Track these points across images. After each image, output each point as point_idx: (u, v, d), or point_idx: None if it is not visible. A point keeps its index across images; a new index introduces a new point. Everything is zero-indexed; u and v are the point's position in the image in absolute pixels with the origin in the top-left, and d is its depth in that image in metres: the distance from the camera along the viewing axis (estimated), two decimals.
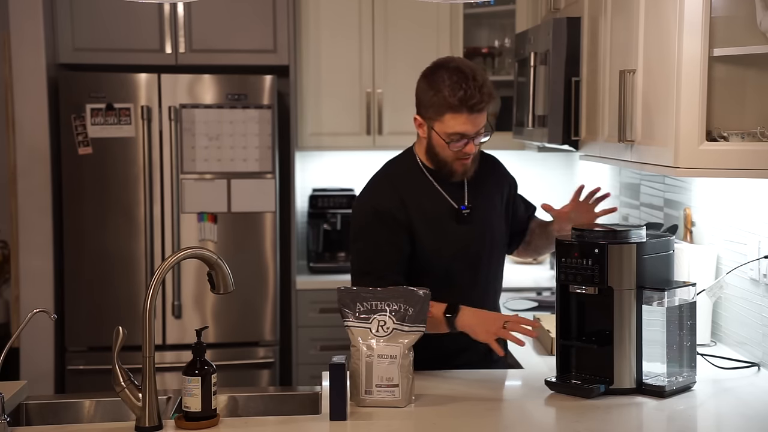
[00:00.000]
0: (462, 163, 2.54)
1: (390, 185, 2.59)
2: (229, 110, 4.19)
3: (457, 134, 2.47)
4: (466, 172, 2.58)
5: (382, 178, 2.63)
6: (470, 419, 2.17)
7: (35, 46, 4.15)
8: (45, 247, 4.19)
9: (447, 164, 2.55)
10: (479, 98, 2.44)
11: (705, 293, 2.77)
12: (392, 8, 4.48)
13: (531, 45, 3.51)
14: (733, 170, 2.26)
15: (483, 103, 2.46)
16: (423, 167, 2.61)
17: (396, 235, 2.51)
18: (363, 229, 2.55)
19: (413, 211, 2.54)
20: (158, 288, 2.10)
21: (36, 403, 2.38)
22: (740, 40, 2.28)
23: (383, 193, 2.57)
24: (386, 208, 2.52)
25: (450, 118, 2.46)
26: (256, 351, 4.28)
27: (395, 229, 2.51)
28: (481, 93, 2.45)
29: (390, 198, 2.54)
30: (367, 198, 2.59)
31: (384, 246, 2.51)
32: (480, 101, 2.45)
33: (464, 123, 2.46)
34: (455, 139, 2.48)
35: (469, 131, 2.47)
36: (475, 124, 2.47)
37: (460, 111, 2.44)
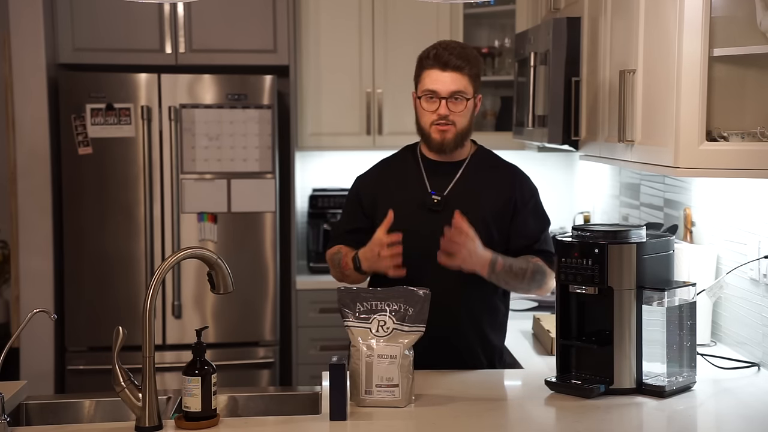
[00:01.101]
0: (438, 129, 2.59)
1: (376, 169, 2.80)
2: (229, 110, 4.19)
3: (429, 90, 2.58)
4: (444, 144, 2.61)
5: (378, 163, 2.83)
6: (470, 419, 2.17)
7: (35, 46, 4.15)
8: (45, 247, 4.19)
9: (426, 132, 2.63)
10: (451, 56, 2.56)
11: (705, 293, 2.77)
12: (392, 8, 4.48)
13: (531, 45, 3.51)
14: (733, 170, 2.26)
15: (455, 60, 2.55)
16: (420, 154, 2.72)
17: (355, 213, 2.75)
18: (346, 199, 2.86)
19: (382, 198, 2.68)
20: (158, 288, 2.10)
21: (36, 403, 2.38)
22: (740, 40, 2.28)
23: (366, 175, 2.80)
24: (357, 191, 2.77)
25: (425, 75, 2.60)
26: (256, 351, 4.28)
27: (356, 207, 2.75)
28: (456, 53, 2.57)
29: (366, 183, 2.77)
30: (358, 176, 2.83)
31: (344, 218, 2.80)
32: (452, 58, 2.55)
33: (435, 80, 2.56)
34: (429, 97, 2.58)
35: (440, 89, 2.56)
36: (446, 82, 2.56)
37: (433, 67, 2.57)
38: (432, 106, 2.58)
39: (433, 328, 2.36)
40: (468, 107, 2.59)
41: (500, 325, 2.73)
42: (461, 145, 2.65)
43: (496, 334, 2.71)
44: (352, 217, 2.76)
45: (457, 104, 2.57)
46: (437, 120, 2.58)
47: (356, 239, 2.68)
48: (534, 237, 2.65)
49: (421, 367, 2.40)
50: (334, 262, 2.70)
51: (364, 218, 2.71)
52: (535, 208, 2.69)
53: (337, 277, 2.73)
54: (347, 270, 2.63)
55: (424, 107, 2.60)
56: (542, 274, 2.61)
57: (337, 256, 2.69)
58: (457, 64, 2.55)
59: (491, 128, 4.70)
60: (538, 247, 2.65)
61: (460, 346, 2.63)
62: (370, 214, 2.70)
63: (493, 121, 4.73)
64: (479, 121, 4.77)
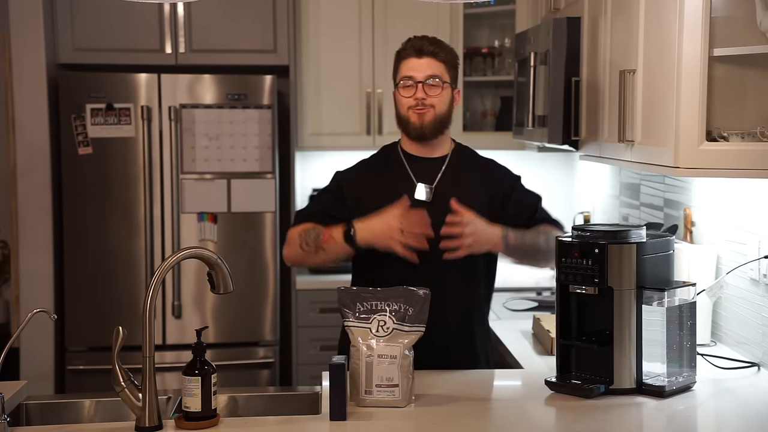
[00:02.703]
0: (416, 112, 2.62)
1: (358, 168, 2.78)
2: (229, 110, 4.19)
3: (405, 77, 2.63)
4: (423, 128, 2.63)
5: (359, 163, 2.81)
6: (470, 419, 2.17)
7: (35, 46, 4.15)
8: (45, 247, 4.20)
9: (404, 119, 2.66)
10: (424, 43, 2.63)
11: (705, 293, 2.77)
12: (392, 8, 4.48)
13: (531, 45, 3.51)
14: (733, 170, 2.26)
15: (428, 46, 2.62)
16: (400, 150, 2.73)
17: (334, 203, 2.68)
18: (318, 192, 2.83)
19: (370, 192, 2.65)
20: (158, 288, 2.10)
21: (36, 403, 2.38)
22: (740, 40, 2.28)
23: (347, 172, 2.77)
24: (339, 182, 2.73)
25: (402, 65, 2.65)
26: (256, 351, 4.28)
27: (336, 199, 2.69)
28: (429, 40, 2.64)
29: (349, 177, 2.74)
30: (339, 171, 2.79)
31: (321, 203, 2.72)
32: (425, 44, 2.62)
33: (411, 66, 2.62)
34: (406, 84, 2.62)
35: (416, 75, 2.61)
36: (422, 68, 2.61)
37: (408, 55, 2.64)
38: (409, 91, 2.62)
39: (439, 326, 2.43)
40: (445, 93, 2.62)
41: (486, 316, 2.77)
42: (441, 132, 2.66)
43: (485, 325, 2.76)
44: (329, 205, 2.68)
45: (433, 88, 2.61)
46: (414, 105, 2.61)
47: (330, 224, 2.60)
48: (530, 210, 2.70)
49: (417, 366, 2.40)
50: (308, 237, 2.57)
51: (344, 210, 2.65)
52: (522, 190, 2.74)
53: (297, 254, 2.60)
54: (327, 243, 2.54)
55: (402, 94, 2.64)
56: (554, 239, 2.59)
57: (312, 231, 2.58)
58: (432, 50, 2.62)
59: (491, 128, 4.70)
60: (538, 216, 2.70)
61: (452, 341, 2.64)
62: (352, 210, 2.63)
63: (493, 121, 4.73)
64: (479, 121, 4.77)
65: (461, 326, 2.67)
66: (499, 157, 2.85)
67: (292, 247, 2.63)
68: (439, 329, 2.54)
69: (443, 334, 2.61)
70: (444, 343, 2.63)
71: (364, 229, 2.52)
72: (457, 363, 2.63)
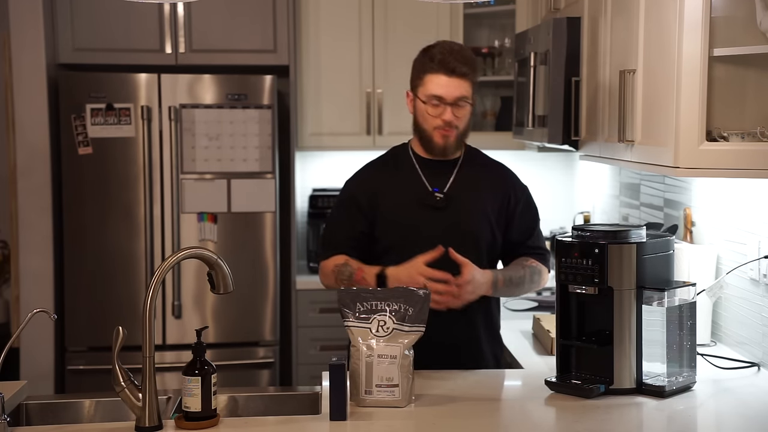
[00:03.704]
0: (441, 134, 2.61)
1: (370, 170, 2.76)
2: (229, 110, 4.19)
3: (435, 96, 2.58)
4: (446, 148, 2.63)
5: (369, 164, 2.79)
6: (470, 419, 2.17)
7: (35, 46, 4.15)
8: (45, 247, 4.19)
9: (427, 135, 2.64)
10: (457, 62, 2.56)
11: (705, 293, 2.77)
12: (392, 8, 4.48)
13: (531, 45, 3.51)
14: (733, 170, 2.26)
15: (461, 66, 2.57)
16: (412, 154, 2.71)
17: (353, 217, 2.67)
18: (335, 205, 2.79)
19: (383, 197, 2.65)
20: (158, 288, 2.10)
21: (36, 403, 2.38)
22: (740, 40, 2.27)
23: (359, 179, 2.75)
24: (354, 193, 2.71)
25: (429, 79, 2.59)
26: (256, 351, 4.28)
27: (354, 211, 2.67)
28: (460, 59, 2.57)
29: (361, 184, 2.72)
30: (348, 180, 2.77)
31: (342, 224, 2.70)
32: (458, 65, 2.56)
33: (442, 85, 2.57)
34: (433, 103, 2.58)
35: (446, 95, 2.57)
36: (452, 89, 2.57)
37: (439, 72, 2.57)
38: (437, 111, 2.59)
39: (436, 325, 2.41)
40: (469, 110, 2.62)
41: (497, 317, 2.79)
42: (460, 147, 2.69)
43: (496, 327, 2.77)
44: (350, 222, 2.68)
45: (461, 110, 2.60)
46: (442, 125, 2.59)
47: (357, 246, 2.65)
48: (528, 232, 2.74)
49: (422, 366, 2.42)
50: (342, 275, 2.60)
51: (365, 221, 2.67)
52: (528, 204, 2.76)
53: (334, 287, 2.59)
54: (360, 284, 2.54)
55: (430, 112, 2.60)
56: (539, 274, 2.71)
57: (345, 268, 2.61)
58: (464, 71, 2.57)
59: (491, 128, 4.70)
60: (531, 243, 2.73)
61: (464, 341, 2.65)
62: (370, 217, 2.66)
63: (493, 121, 4.73)
64: (479, 121, 4.77)
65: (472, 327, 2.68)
66: (499, 157, 2.86)
67: (328, 279, 2.67)
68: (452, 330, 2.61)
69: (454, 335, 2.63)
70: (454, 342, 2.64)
71: (393, 279, 2.51)
72: (465, 364, 2.63)
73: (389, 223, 2.64)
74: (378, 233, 2.66)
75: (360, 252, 2.65)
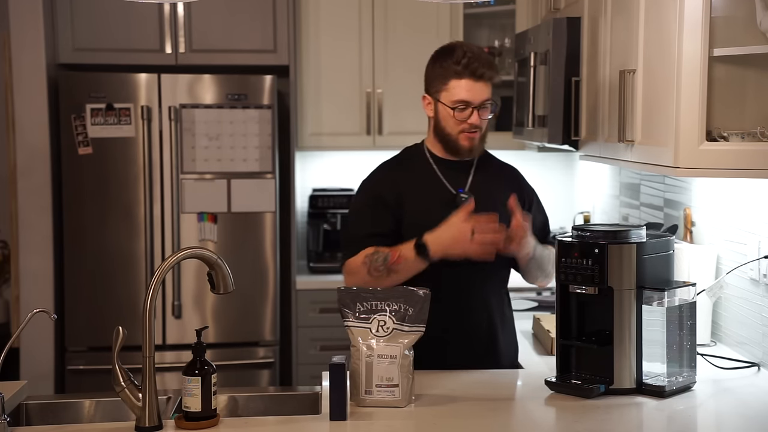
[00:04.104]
0: (468, 137, 2.60)
1: (388, 170, 2.71)
2: (229, 110, 4.19)
3: (461, 101, 2.57)
4: (472, 150, 2.63)
5: (384, 164, 2.75)
6: (470, 419, 2.17)
7: (35, 46, 4.15)
8: (45, 247, 4.20)
9: (452, 139, 2.62)
10: (482, 66, 2.56)
11: (705, 293, 2.77)
12: (392, 8, 4.48)
13: (531, 45, 3.51)
14: (733, 170, 2.26)
15: (486, 71, 2.57)
16: (429, 154, 2.69)
17: (379, 215, 2.62)
18: (355, 207, 2.71)
19: (407, 196, 2.62)
20: (158, 288, 2.10)
21: (36, 403, 2.38)
22: (740, 40, 2.27)
23: (379, 177, 2.70)
24: (377, 191, 2.65)
25: (455, 84, 2.57)
26: (256, 351, 4.28)
27: (380, 210, 2.62)
28: (485, 63, 2.58)
29: (384, 182, 2.67)
30: (365, 181, 2.72)
31: (367, 222, 2.63)
32: (483, 69, 2.56)
33: (468, 90, 2.56)
34: (460, 108, 2.57)
35: (472, 99, 2.57)
36: (478, 92, 2.57)
37: (464, 76, 2.56)
38: (463, 115, 2.58)
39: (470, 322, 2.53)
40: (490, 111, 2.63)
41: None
42: (482, 147, 2.70)
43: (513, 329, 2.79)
44: (377, 221, 2.61)
45: (485, 112, 2.61)
46: (468, 128, 2.59)
47: (384, 242, 2.57)
48: (543, 234, 2.75)
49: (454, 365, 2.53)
50: (376, 262, 2.51)
51: (392, 219, 2.60)
52: (538, 205, 2.79)
53: (364, 283, 2.48)
54: (398, 264, 2.49)
55: (457, 117, 2.58)
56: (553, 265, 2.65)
57: (377, 255, 2.52)
58: (490, 75, 2.58)
59: (491, 128, 4.66)
60: (549, 239, 2.77)
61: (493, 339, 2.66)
62: (397, 215, 2.61)
63: (494, 121, 4.72)
64: None
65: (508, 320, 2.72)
66: (499, 156, 2.85)
67: (357, 277, 2.55)
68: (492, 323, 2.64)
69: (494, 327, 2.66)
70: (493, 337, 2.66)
71: (435, 242, 2.47)
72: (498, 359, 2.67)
73: (415, 224, 2.58)
74: (403, 233, 2.60)
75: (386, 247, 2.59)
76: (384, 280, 2.50)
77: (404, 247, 2.51)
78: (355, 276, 2.57)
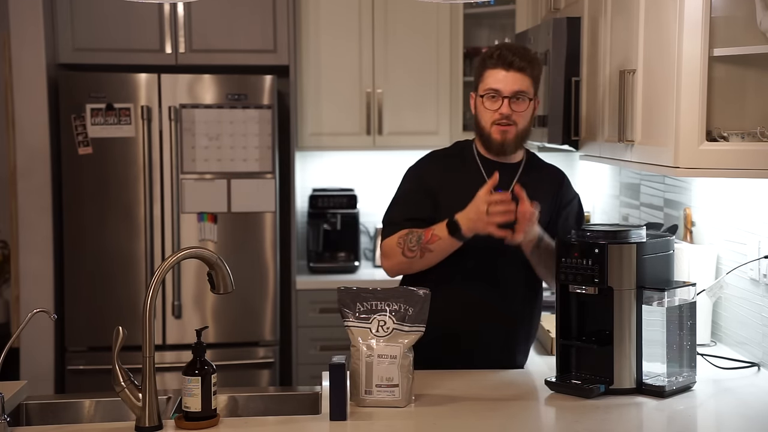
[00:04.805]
0: (499, 129, 2.59)
1: (435, 161, 2.74)
2: (229, 110, 4.19)
3: (491, 89, 2.58)
4: (505, 145, 2.61)
5: (433, 153, 2.77)
6: (470, 419, 2.17)
7: (35, 46, 4.15)
8: (45, 247, 4.20)
9: (486, 132, 2.62)
10: (515, 57, 2.57)
11: (705, 293, 2.77)
12: (392, 8, 4.48)
13: (531, 45, 3.51)
14: (733, 170, 2.26)
15: (516, 59, 2.57)
16: (476, 153, 2.69)
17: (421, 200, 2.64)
18: (397, 193, 2.73)
19: (446, 190, 2.63)
20: (158, 288, 2.10)
21: (36, 403, 2.38)
22: (740, 40, 2.27)
23: (426, 166, 2.73)
24: (423, 178, 2.69)
25: (488, 75, 2.60)
26: (256, 351, 4.28)
27: (422, 195, 2.65)
28: (519, 54, 2.59)
29: (429, 172, 2.70)
30: (411, 168, 2.75)
31: (408, 206, 2.66)
32: (515, 59, 2.57)
33: (499, 80, 2.57)
34: (490, 95, 2.58)
35: (503, 88, 2.57)
36: (510, 82, 2.57)
37: (496, 67, 2.58)
38: (494, 105, 2.58)
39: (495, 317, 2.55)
40: (529, 108, 2.60)
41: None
42: (521, 146, 2.67)
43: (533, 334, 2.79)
44: (417, 205, 2.64)
45: (519, 104, 2.58)
46: (499, 119, 2.58)
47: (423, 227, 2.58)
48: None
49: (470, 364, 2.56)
50: (410, 242, 2.55)
51: (432, 205, 2.62)
52: (577, 210, 2.76)
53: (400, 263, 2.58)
54: (432, 242, 2.52)
55: (487, 106, 2.59)
56: None
57: (411, 235, 2.56)
58: (521, 65, 2.57)
59: None
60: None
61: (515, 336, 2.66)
62: (436, 203, 2.62)
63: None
64: None
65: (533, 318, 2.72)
66: None
67: (393, 258, 2.61)
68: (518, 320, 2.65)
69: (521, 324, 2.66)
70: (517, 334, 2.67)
71: (464, 218, 2.49)
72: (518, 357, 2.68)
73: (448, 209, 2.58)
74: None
75: None
76: (418, 261, 2.55)
77: (437, 227, 2.54)
78: (390, 258, 2.62)
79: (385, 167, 4.69)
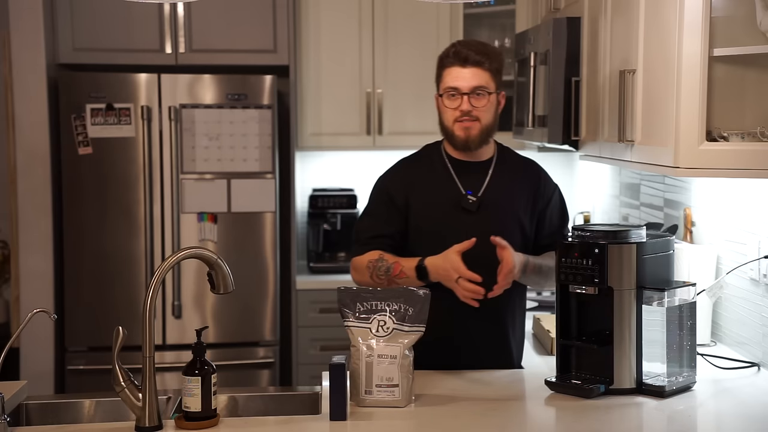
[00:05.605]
0: (462, 126, 2.58)
1: (404, 167, 2.72)
2: (229, 110, 4.19)
3: (450, 87, 2.57)
4: (468, 141, 2.59)
5: (401, 161, 2.75)
6: (470, 419, 2.17)
7: (35, 46, 4.15)
8: (45, 247, 4.19)
9: (449, 130, 2.61)
10: (470, 52, 2.56)
11: (705, 293, 2.77)
12: (392, 8, 4.48)
13: (531, 45, 3.51)
14: (733, 170, 2.26)
15: (473, 55, 2.56)
16: (445, 154, 2.68)
17: (390, 214, 2.64)
18: (368, 204, 2.73)
19: (416, 194, 2.63)
20: (158, 288, 2.10)
21: (36, 403, 2.38)
22: (740, 40, 2.27)
23: (393, 175, 2.71)
24: (389, 189, 2.66)
25: (446, 74, 2.59)
26: (256, 351, 4.28)
27: (391, 209, 2.64)
28: (475, 49, 2.57)
29: (396, 180, 2.68)
30: (380, 177, 2.74)
31: (377, 220, 2.66)
32: (471, 54, 2.55)
33: (456, 77, 2.56)
34: (449, 94, 2.57)
35: (461, 86, 2.55)
36: (468, 79, 2.55)
37: (453, 64, 2.57)
38: (454, 102, 2.57)
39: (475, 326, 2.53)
40: (491, 102, 2.59)
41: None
42: (486, 142, 2.64)
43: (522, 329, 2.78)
44: (386, 219, 2.64)
45: (479, 99, 2.57)
46: (460, 117, 2.57)
47: (391, 243, 2.61)
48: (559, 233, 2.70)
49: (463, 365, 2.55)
50: (379, 270, 2.55)
51: (400, 218, 2.63)
52: (557, 204, 2.75)
53: (367, 283, 2.55)
54: (400, 278, 2.52)
55: (447, 105, 2.58)
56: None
57: (381, 263, 2.55)
58: (477, 60, 2.55)
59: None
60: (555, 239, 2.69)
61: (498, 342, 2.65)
62: (404, 214, 2.63)
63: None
64: None
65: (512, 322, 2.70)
66: None
67: (362, 276, 2.61)
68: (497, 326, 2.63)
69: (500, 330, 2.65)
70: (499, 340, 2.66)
71: (433, 269, 2.48)
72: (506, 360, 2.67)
73: (420, 222, 2.61)
74: (409, 232, 2.63)
75: (393, 249, 2.61)
76: (385, 286, 2.52)
77: (407, 264, 2.52)
78: (359, 274, 2.63)
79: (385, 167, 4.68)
